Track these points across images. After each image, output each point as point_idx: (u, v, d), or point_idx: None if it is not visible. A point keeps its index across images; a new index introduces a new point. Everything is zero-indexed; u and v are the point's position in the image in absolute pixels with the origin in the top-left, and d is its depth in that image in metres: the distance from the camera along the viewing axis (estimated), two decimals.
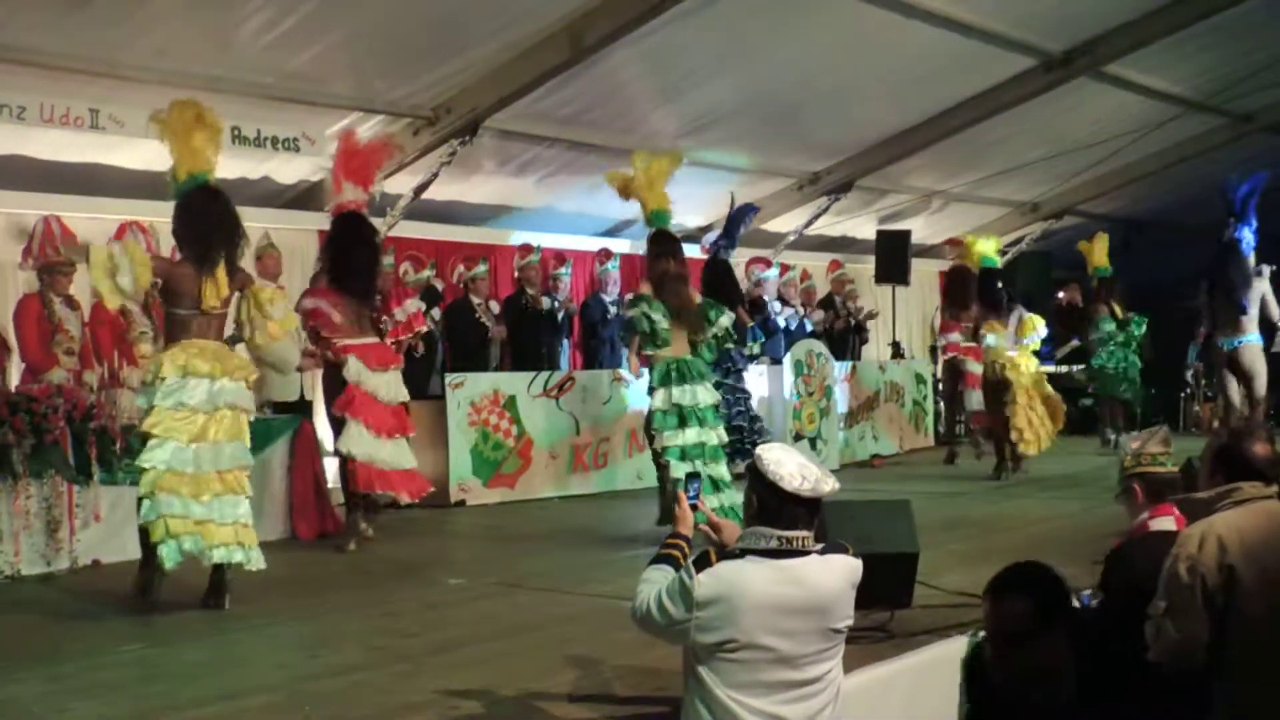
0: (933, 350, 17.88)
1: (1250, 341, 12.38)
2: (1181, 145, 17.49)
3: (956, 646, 5.48)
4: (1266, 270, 12.82)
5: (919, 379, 16.06)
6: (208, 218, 7.06)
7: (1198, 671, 4.30)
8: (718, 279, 12.14)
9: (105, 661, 5.78)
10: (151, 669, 5.66)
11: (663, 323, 8.81)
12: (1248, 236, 12.54)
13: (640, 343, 9.02)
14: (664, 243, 9.15)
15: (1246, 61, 14.84)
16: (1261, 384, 12.40)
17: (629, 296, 9.74)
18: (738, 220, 10.89)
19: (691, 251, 13.57)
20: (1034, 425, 12.53)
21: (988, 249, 13.60)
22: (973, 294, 13.27)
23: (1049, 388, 13.03)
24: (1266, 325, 12.74)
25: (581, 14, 10.68)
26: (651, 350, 8.92)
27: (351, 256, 9.04)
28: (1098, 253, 15.36)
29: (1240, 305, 12.30)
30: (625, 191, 9.36)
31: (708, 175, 14.24)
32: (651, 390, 8.86)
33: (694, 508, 4.24)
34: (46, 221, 9.21)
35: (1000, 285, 13.34)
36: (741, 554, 3.75)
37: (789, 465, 3.74)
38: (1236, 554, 4.24)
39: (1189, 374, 17.15)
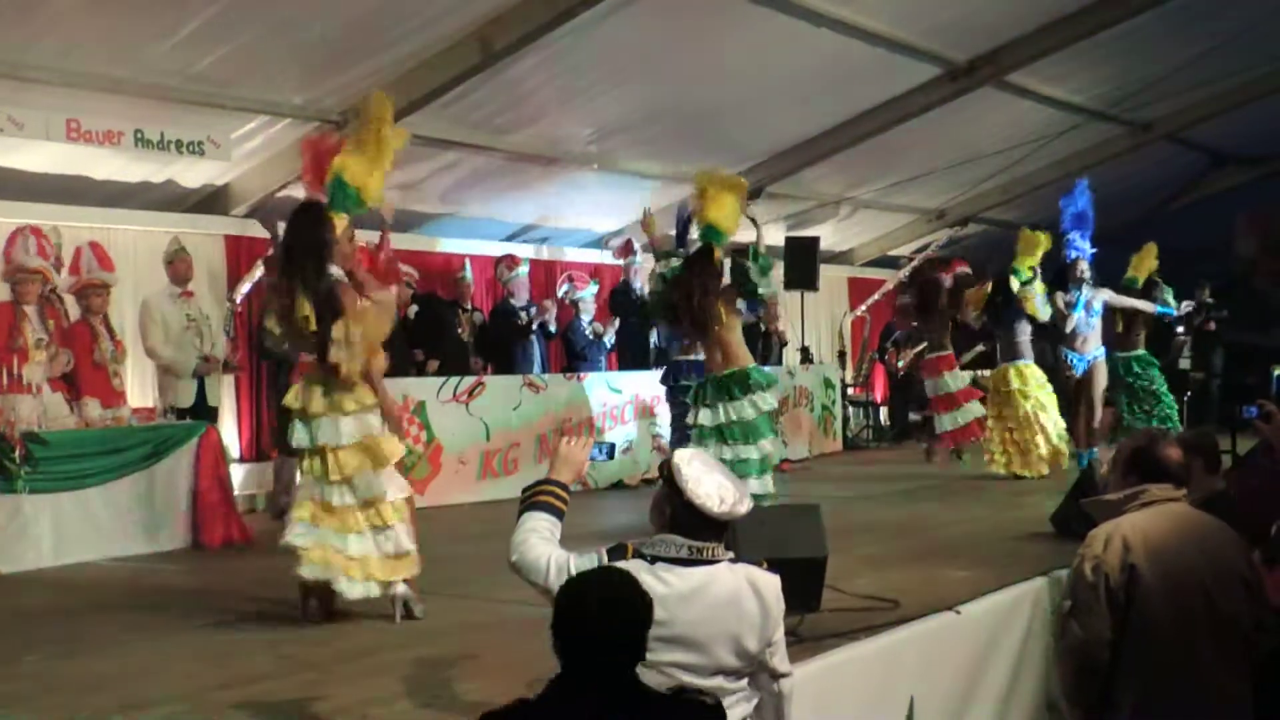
0: (841, 355, 18.08)
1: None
2: (1082, 154, 17.82)
3: (865, 650, 5.54)
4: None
5: (828, 384, 16.18)
6: None
7: (1102, 669, 4.42)
8: None
9: (5, 673, 5.65)
10: (53, 680, 5.54)
11: None
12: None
13: None
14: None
15: (1145, 71, 15.16)
16: None
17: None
18: (686, 226, 10.82)
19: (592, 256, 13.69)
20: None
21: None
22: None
23: None
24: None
25: (491, 19, 10.64)
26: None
27: None
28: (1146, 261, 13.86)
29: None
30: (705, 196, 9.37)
31: (617, 181, 14.29)
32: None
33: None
34: None
35: None
36: (651, 560, 3.73)
37: (706, 484, 3.72)
38: (1140, 554, 4.37)
39: None
